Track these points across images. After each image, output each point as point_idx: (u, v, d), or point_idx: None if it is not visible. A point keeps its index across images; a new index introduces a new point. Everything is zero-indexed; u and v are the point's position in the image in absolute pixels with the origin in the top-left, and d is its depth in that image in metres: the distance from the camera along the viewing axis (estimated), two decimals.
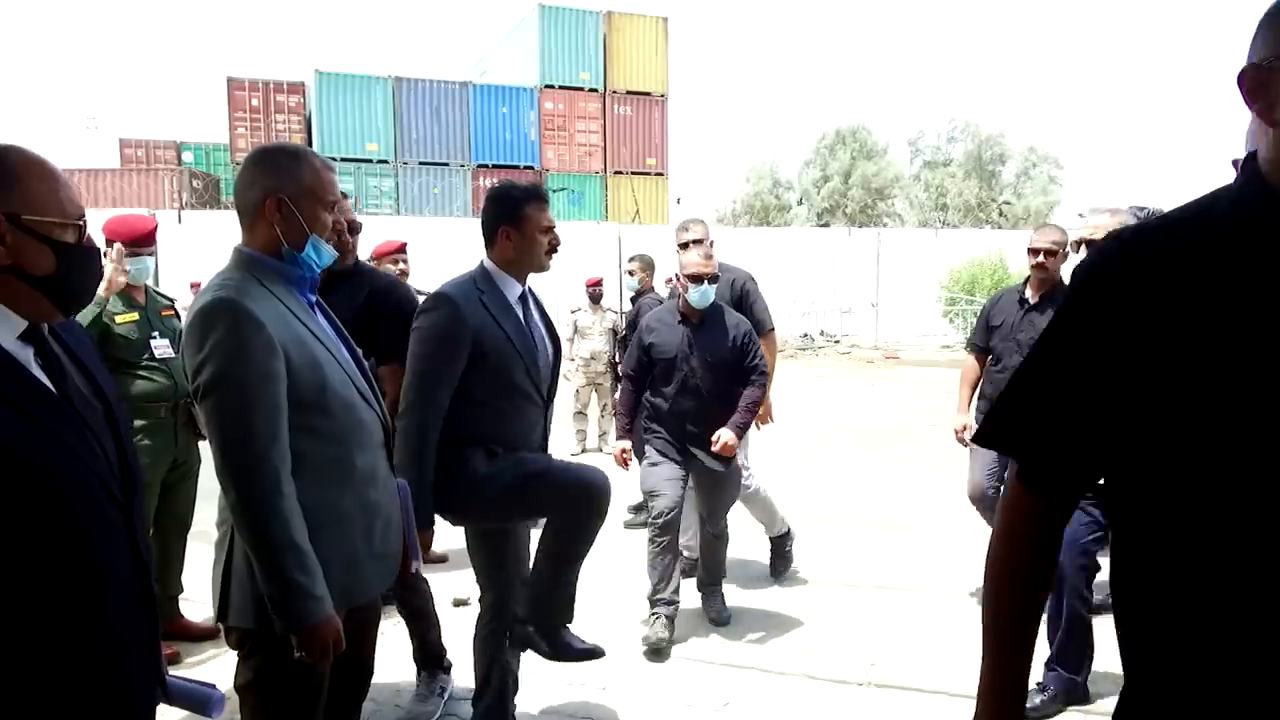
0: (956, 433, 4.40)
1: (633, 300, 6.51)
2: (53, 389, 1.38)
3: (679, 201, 25.17)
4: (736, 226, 30.77)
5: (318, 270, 1.98)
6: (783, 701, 3.38)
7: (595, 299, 8.28)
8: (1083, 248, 3.14)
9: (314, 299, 1.99)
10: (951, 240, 21.59)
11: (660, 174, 24.27)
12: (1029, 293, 4.05)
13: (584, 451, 7.93)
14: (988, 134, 38.20)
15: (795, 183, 39.94)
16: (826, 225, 31.38)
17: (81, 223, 1.42)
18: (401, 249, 5.03)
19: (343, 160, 20.43)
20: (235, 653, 1.96)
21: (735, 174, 66.20)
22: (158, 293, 3.89)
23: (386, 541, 2.06)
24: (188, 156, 24.14)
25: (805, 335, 19.24)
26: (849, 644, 3.86)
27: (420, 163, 22.08)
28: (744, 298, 4.45)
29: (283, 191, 1.90)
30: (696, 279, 3.82)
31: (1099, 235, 3.04)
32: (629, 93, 23.74)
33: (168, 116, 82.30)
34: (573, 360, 7.98)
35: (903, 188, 38.85)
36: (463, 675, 2.80)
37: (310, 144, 22.67)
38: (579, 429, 8.19)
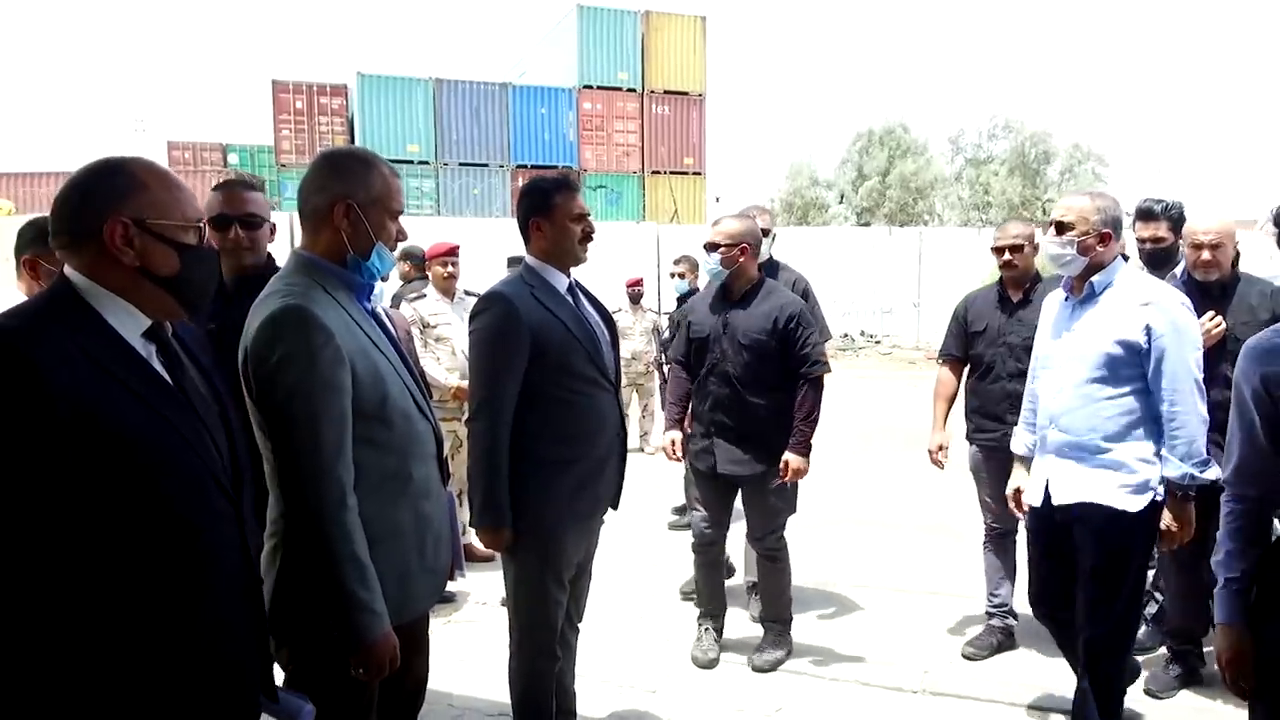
0: (931, 454, 3.92)
1: (679, 302, 6.42)
2: (171, 383, 1.47)
3: (718, 200, 25.05)
4: (777, 225, 30.57)
5: (378, 278, 1.97)
6: (836, 708, 3.34)
7: (635, 299, 8.27)
8: (1051, 229, 2.78)
9: (371, 306, 1.98)
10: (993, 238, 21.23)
11: (698, 173, 24.17)
12: (1010, 291, 3.74)
13: None
14: (1032, 131, 37.58)
15: (833, 181, 39.59)
16: (867, 225, 31.05)
17: (201, 225, 1.50)
18: (452, 251, 5.01)
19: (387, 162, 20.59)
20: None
21: (773, 173, 65.82)
22: None
23: (437, 556, 2.04)
24: (233, 158, 24.50)
25: (845, 335, 19.05)
26: (902, 650, 3.81)
27: (460, 164, 22.19)
28: (807, 298, 4.14)
29: (353, 198, 1.88)
30: (710, 246, 3.55)
31: (1070, 217, 2.71)
32: (667, 92, 23.67)
33: (214, 119, 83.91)
34: None
35: (943, 186, 38.33)
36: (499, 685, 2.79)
37: (352, 145, 22.91)
38: None
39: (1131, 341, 2.63)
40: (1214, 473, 2.61)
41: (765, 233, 4.13)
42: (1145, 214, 3.64)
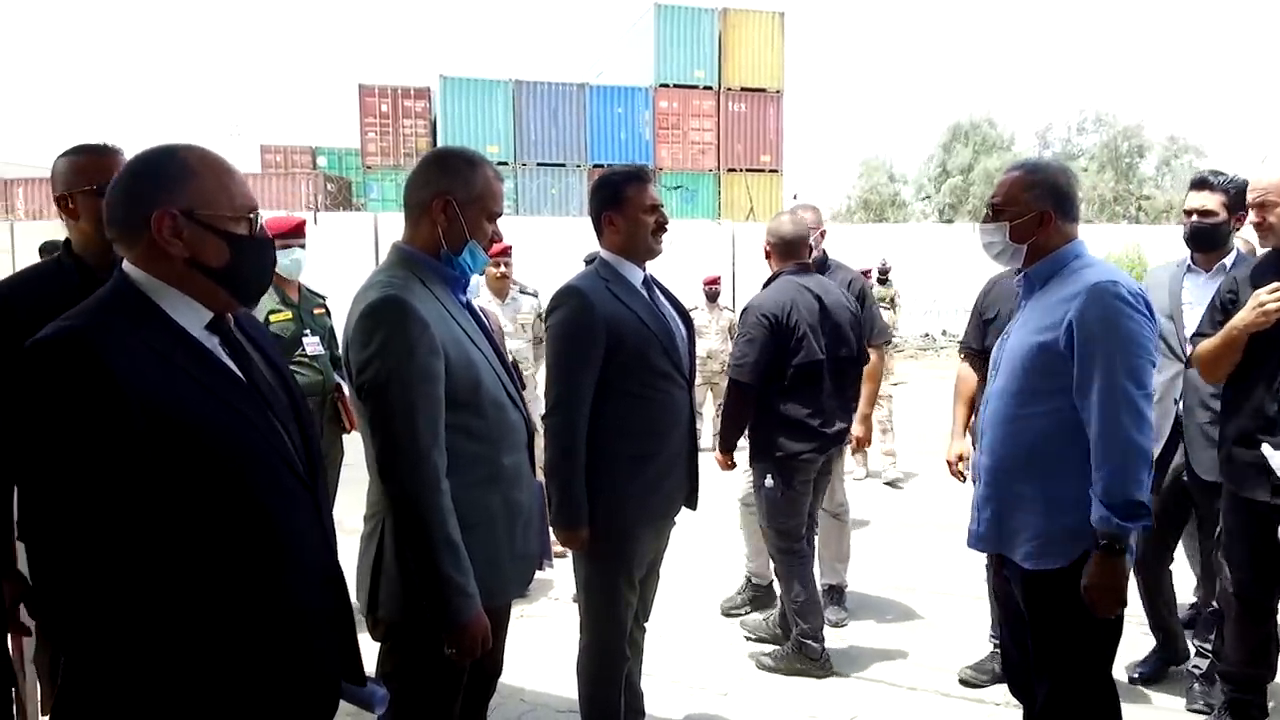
0: (950, 465, 3.50)
1: None
2: (238, 373, 1.45)
3: (794, 198, 24.76)
4: (852, 222, 30.09)
5: (471, 274, 2.03)
6: (913, 718, 3.25)
7: (712, 297, 8.24)
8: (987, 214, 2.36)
9: (466, 299, 2.04)
10: (1084, 236, 20.35)
11: (775, 170, 23.93)
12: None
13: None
14: (1124, 125, 36.19)
15: (912, 178, 38.82)
16: (950, 222, 30.29)
17: (252, 215, 1.47)
18: (505, 252, 4.99)
19: None
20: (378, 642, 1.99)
21: (851, 169, 64.73)
22: (311, 291, 4.09)
23: (527, 543, 2.08)
24: (322, 161, 25.27)
25: (927, 335, 18.62)
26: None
27: (538, 164, 22.49)
28: (864, 299, 4.11)
29: (453, 194, 1.95)
30: None
31: (1000, 198, 2.30)
32: (743, 89, 23.51)
33: (303, 123, 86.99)
34: None
35: None
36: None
37: (435, 147, 23.42)
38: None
39: (1050, 343, 2.11)
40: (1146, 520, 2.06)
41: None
42: (1198, 183, 3.21)
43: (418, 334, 1.80)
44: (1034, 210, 2.22)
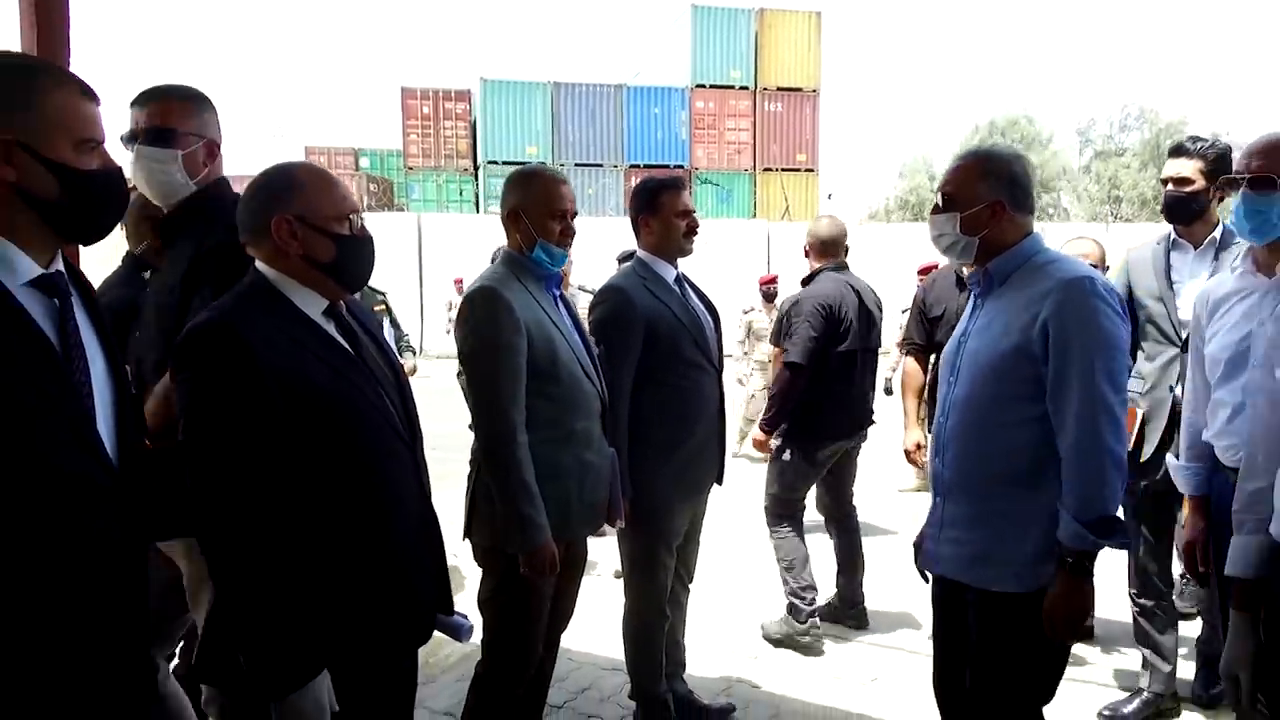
0: (908, 454, 3.79)
1: None
2: (351, 351, 1.77)
3: (830, 197, 24.87)
4: (889, 223, 30.04)
5: (552, 269, 2.42)
6: (927, 680, 3.47)
7: (769, 297, 7.91)
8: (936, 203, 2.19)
9: (558, 293, 2.48)
10: (1124, 235, 20.20)
11: (810, 170, 24.04)
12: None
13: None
14: (1168, 121, 35.70)
15: None
16: None
17: (352, 215, 1.77)
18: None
19: (504, 164, 21.46)
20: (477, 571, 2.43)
21: (888, 169, 64.35)
22: (371, 288, 4.36)
23: (595, 493, 2.47)
24: (364, 162, 25.87)
25: None
26: None
27: (576, 164, 22.80)
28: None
29: (520, 206, 2.39)
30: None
31: (951, 187, 2.12)
32: (779, 89, 23.64)
33: (347, 125, 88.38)
34: (748, 362, 7.91)
35: (1070, 180, 36.78)
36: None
37: (475, 149, 23.90)
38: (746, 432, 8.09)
39: (1024, 345, 1.92)
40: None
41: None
42: (1174, 150, 3.01)
43: (504, 317, 2.24)
44: (986, 200, 2.05)
